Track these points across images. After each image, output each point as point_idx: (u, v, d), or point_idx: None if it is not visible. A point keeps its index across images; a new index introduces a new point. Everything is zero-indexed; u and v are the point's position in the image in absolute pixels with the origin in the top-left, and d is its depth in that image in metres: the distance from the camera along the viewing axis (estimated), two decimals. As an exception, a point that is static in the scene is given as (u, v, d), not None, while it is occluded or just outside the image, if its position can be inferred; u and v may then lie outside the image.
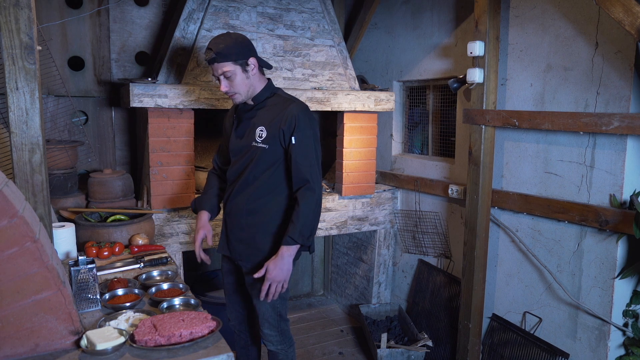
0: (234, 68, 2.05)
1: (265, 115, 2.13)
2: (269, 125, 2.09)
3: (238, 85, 2.09)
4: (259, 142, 2.10)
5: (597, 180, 2.41)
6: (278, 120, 2.07)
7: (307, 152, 2.07)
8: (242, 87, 2.10)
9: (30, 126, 1.68)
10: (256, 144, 2.11)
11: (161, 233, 3.04)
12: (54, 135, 3.31)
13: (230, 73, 2.06)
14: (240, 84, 2.09)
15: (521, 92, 2.78)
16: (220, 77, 2.08)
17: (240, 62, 2.06)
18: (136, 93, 2.81)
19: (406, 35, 3.72)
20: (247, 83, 2.10)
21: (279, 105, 2.13)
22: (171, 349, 1.45)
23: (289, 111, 2.06)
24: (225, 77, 2.07)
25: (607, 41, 2.33)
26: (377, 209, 3.76)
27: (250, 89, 2.13)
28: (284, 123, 2.05)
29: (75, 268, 1.72)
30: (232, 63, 2.05)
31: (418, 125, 3.85)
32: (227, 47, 2.03)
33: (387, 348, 3.21)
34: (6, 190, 1.29)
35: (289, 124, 2.05)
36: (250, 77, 2.11)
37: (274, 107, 2.13)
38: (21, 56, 1.62)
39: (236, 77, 2.07)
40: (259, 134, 2.10)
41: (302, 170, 2.06)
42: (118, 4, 3.42)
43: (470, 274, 2.93)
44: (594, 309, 2.46)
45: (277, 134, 2.07)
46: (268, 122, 2.10)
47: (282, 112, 2.07)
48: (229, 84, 2.09)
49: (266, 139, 2.09)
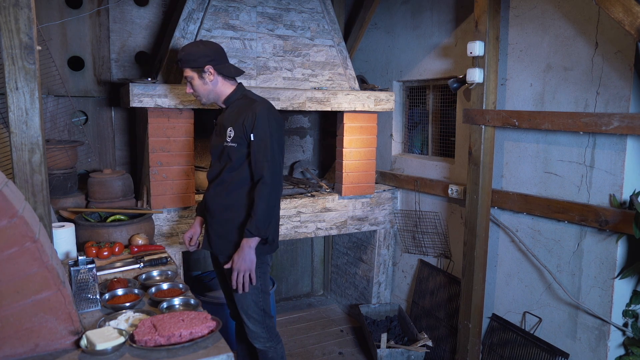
0: (191, 74, 2.26)
1: (232, 115, 2.27)
2: (235, 124, 2.23)
3: (197, 89, 2.29)
4: (229, 142, 2.24)
5: (597, 180, 2.41)
6: (242, 119, 2.20)
7: (263, 148, 2.17)
8: (201, 91, 2.29)
9: (30, 126, 1.68)
10: (227, 144, 2.25)
11: (161, 233, 3.04)
12: (53, 135, 3.31)
13: (189, 78, 2.28)
14: (198, 88, 2.28)
15: (521, 92, 2.78)
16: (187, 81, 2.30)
17: (197, 68, 2.24)
18: (136, 93, 2.81)
19: (406, 35, 3.72)
20: (205, 88, 2.28)
21: (244, 105, 2.26)
22: (171, 349, 1.45)
23: (251, 110, 2.20)
24: (187, 80, 2.30)
25: (607, 41, 2.33)
26: (377, 209, 3.76)
27: (212, 93, 2.30)
28: (246, 121, 2.19)
29: (75, 268, 1.72)
30: (189, 69, 2.26)
31: (418, 125, 3.85)
32: (187, 54, 2.24)
33: (387, 348, 3.21)
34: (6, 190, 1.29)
35: (249, 122, 2.18)
36: (208, 83, 2.27)
37: (240, 108, 2.27)
38: (21, 56, 1.62)
39: (194, 81, 2.28)
40: (229, 134, 2.24)
41: (258, 166, 2.18)
42: (118, 4, 3.42)
43: (470, 274, 2.93)
44: (593, 309, 2.46)
45: (242, 132, 2.20)
46: (234, 122, 2.24)
47: (246, 112, 2.21)
48: (190, 87, 2.31)
49: (234, 138, 2.22)
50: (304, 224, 3.46)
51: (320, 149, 4.32)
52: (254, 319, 2.29)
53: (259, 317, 2.30)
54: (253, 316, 2.29)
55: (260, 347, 2.33)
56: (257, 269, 2.23)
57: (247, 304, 2.27)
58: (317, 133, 4.32)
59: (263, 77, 3.28)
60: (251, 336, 2.33)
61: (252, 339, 2.33)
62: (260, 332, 2.32)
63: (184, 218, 3.10)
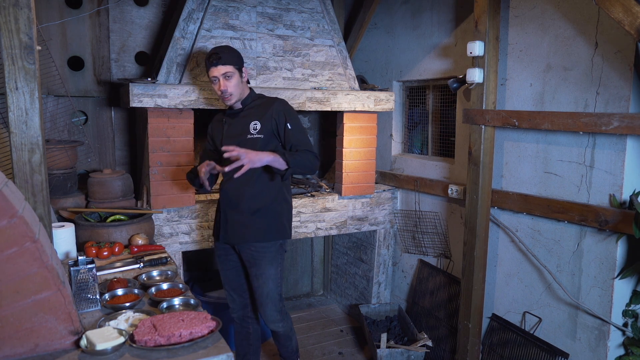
0: (233, 71, 2.40)
1: (256, 112, 2.47)
2: (262, 118, 2.43)
3: (234, 87, 2.42)
4: (254, 134, 2.42)
5: (597, 180, 2.41)
6: (270, 113, 2.42)
7: (303, 134, 2.46)
8: (237, 89, 2.43)
9: (29, 126, 1.67)
10: (251, 136, 2.42)
11: (161, 233, 3.04)
12: (53, 135, 3.31)
13: (230, 74, 2.39)
14: (236, 85, 2.42)
15: (521, 92, 2.78)
16: (221, 77, 2.39)
17: (238, 67, 2.42)
18: (136, 93, 2.81)
19: (406, 35, 3.72)
20: (240, 86, 2.45)
21: (266, 103, 2.50)
22: (171, 349, 1.45)
23: (278, 104, 2.46)
24: (226, 77, 2.39)
25: (606, 41, 2.33)
26: (377, 209, 3.76)
27: (241, 93, 2.47)
28: (275, 114, 2.42)
29: (75, 268, 1.72)
30: (232, 66, 2.39)
31: (418, 125, 3.85)
32: (230, 52, 2.41)
33: (386, 348, 3.21)
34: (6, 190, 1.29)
35: (281, 115, 2.42)
36: (242, 82, 2.46)
37: (262, 105, 2.48)
38: (21, 56, 1.62)
39: (235, 78, 2.41)
40: (253, 127, 2.43)
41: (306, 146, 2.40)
42: (118, 4, 3.42)
43: (470, 274, 2.93)
44: (593, 308, 2.46)
45: (271, 125, 2.41)
46: (261, 116, 2.43)
47: (271, 107, 2.44)
48: (227, 84, 2.40)
49: (260, 130, 2.41)
50: (304, 223, 3.47)
51: (320, 149, 4.32)
52: (272, 302, 2.48)
53: (276, 301, 2.50)
54: (272, 300, 2.48)
55: (275, 329, 2.55)
56: (278, 256, 2.48)
57: (268, 289, 2.47)
58: (317, 133, 4.32)
59: (263, 77, 3.28)
60: (267, 319, 2.52)
61: (268, 321, 2.53)
62: (275, 315, 2.51)
63: (184, 218, 3.10)
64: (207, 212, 3.17)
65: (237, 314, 2.68)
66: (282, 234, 2.48)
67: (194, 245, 3.16)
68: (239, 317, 2.69)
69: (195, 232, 3.15)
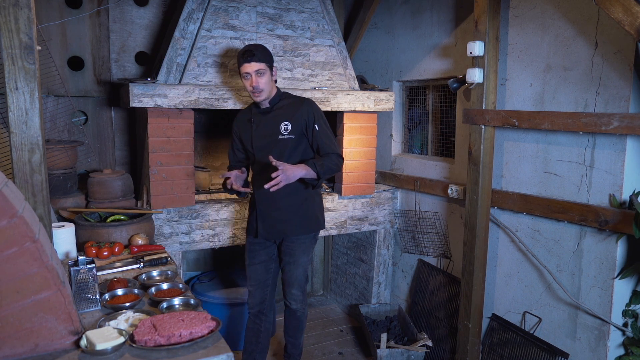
0: (265, 68, 2.51)
1: (285, 112, 2.59)
2: (292, 118, 2.56)
3: (265, 84, 2.52)
4: (285, 134, 2.56)
5: (597, 180, 2.41)
6: (300, 114, 2.56)
7: (330, 135, 2.63)
8: (267, 86, 2.53)
9: (29, 126, 1.68)
10: (282, 136, 2.56)
11: (161, 233, 3.04)
12: (53, 135, 3.31)
13: (262, 71, 2.50)
14: (267, 82, 2.52)
15: (521, 92, 2.78)
16: (253, 74, 2.49)
17: (270, 65, 2.54)
18: (136, 93, 2.81)
19: (406, 35, 3.72)
20: (270, 84, 2.55)
21: (294, 103, 2.62)
22: (171, 349, 1.45)
23: (306, 105, 2.60)
24: (258, 74, 2.49)
25: (606, 41, 2.33)
26: (377, 209, 3.77)
27: (270, 90, 2.57)
28: (305, 115, 2.56)
29: (75, 268, 1.72)
30: (265, 64, 2.50)
31: (418, 125, 3.85)
32: (263, 51, 2.52)
33: (386, 348, 3.21)
34: (6, 190, 1.29)
35: (310, 116, 2.57)
36: (272, 80, 2.57)
37: (291, 105, 2.61)
38: (21, 56, 1.62)
39: (267, 75, 2.51)
40: (284, 128, 2.56)
41: (329, 147, 2.58)
42: (118, 4, 3.42)
43: (470, 274, 2.93)
44: (593, 308, 2.46)
45: (301, 125, 2.56)
46: (290, 117, 2.56)
47: (301, 108, 2.58)
48: (259, 80, 2.50)
49: (291, 131, 2.56)
50: (304, 224, 3.46)
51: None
52: (299, 284, 2.73)
53: (302, 283, 2.74)
54: (301, 282, 2.73)
55: (295, 307, 2.77)
56: (311, 246, 2.73)
57: (298, 273, 2.70)
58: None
59: (263, 77, 3.28)
60: (292, 298, 2.76)
61: (292, 300, 2.76)
62: (300, 295, 2.76)
63: (184, 218, 3.10)
64: (207, 212, 3.17)
65: (253, 310, 2.78)
66: (317, 226, 2.72)
67: (194, 245, 3.16)
68: (255, 314, 2.78)
69: (196, 232, 3.15)
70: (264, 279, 2.75)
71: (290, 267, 2.70)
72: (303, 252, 2.69)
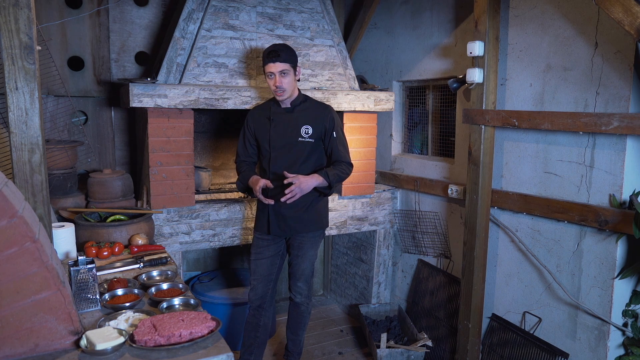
0: (289, 69, 2.57)
1: (306, 116, 2.67)
2: (314, 123, 2.64)
3: (288, 84, 2.58)
4: (306, 138, 2.64)
5: (597, 180, 2.41)
6: (321, 119, 2.65)
7: (345, 143, 2.75)
8: (290, 86, 2.60)
9: (29, 126, 1.68)
10: (302, 139, 2.64)
11: (161, 233, 3.04)
12: (53, 135, 3.31)
13: (286, 72, 2.56)
14: (290, 82, 2.59)
15: (521, 92, 2.78)
16: (277, 74, 2.55)
17: (294, 66, 2.60)
18: (136, 93, 2.81)
19: (406, 35, 3.72)
20: (293, 84, 2.62)
21: (316, 108, 2.71)
22: (171, 349, 1.45)
23: (327, 112, 2.69)
24: (282, 74, 2.55)
25: (606, 41, 2.33)
26: (377, 209, 3.76)
27: (293, 90, 2.64)
28: (326, 121, 2.66)
29: (75, 268, 1.72)
30: (289, 65, 2.56)
31: (418, 125, 3.85)
32: (288, 51, 2.58)
33: (386, 348, 3.21)
34: (6, 190, 1.29)
35: (329, 123, 2.67)
36: (295, 80, 2.63)
37: (312, 110, 2.69)
38: (21, 56, 1.62)
39: (290, 75, 2.58)
40: (305, 131, 2.64)
41: (342, 155, 2.70)
42: (118, 4, 3.42)
43: (469, 274, 2.93)
44: (593, 308, 2.46)
45: (321, 130, 2.66)
46: (312, 121, 2.65)
47: (323, 114, 2.67)
48: (283, 80, 2.56)
49: (312, 135, 2.65)
50: (304, 224, 3.46)
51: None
52: (305, 277, 2.80)
53: (308, 277, 2.82)
54: (307, 276, 2.81)
55: (299, 301, 2.84)
56: (319, 241, 2.83)
57: (304, 266, 2.79)
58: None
59: (263, 77, 3.28)
60: (297, 291, 2.83)
61: (297, 293, 2.83)
62: (305, 290, 2.83)
63: (184, 218, 3.10)
64: (207, 212, 3.17)
65: (253, 304, 2.82)
66: (325, 224, 2.85)
67: (194, 245, 3.16)
68: (254, 307, 2.83)
69: (195, 232, 3.15)
70: (268, 273, 2.81)
71: (298, 260, 2.78)
72: (311, 246, 2.79)
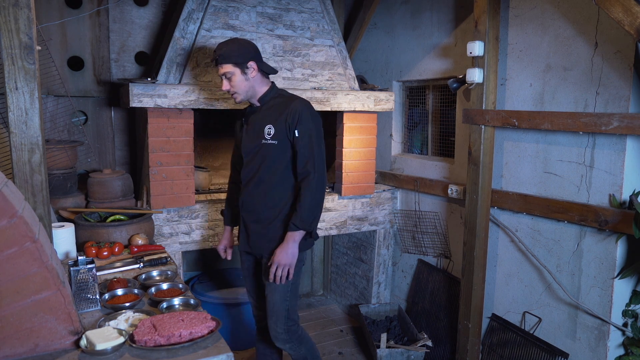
0: (233, 69, 2.24)
1: (271, 113, 2.28)
2: (276, 122, 2.24)
3: (237, 86, 2.26)
4: (268, 139, 2.25)
5: (597, 180, 2.41)
6: (284, 116, 2.23)
7: (309, 144, 2.21)
8: (241, 87, 2.27)
9: (29, 126, 1.68)
10: (265, 142, 2.25)
11: (160, 233, 3.04)
12: (53, 135, 3.30)
13: (230, 74, 2.25)
14: (239, 84, 2.26)
15: (521, 92, 2.78)
16: (222, 77, 2.27)
17: (240, 64, 2.24)
18: (136, 93, 2.81)
19: (406, 35, 3.72)
20: (246, 85, 2.27)
21: (283, 103, 2.28)
22: (171, 349, 1.45)
23: (293, 106, 2.23)
24: (226, 77, 2.26)
25: (606, 41, 2.33)
26: (377, 209, 3.76)
27: (250, 90, 2.30)
28: (289, 117, 2.21)
29: (75, 268, 1.72)
30: (232, 65, 2.23)
31: (418, 125, 3.85)
32: (228, 50, 2.23)
33: (386, 348, 3.21)
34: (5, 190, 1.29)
35: (292, 118, 2.21)
36: (250, 79, 2.27)
37: (278, 106, 2.28)
38: (20, 56, 1.62)
39: (235, 77, 2.25)
40: (268, 132, 2.25)
41: (304, 161, 2.21)
42: (117, 4, 3.42)
43: (469, 274, 2.93)
44: (593, 308, 2.46)
45: (284, 129, 2.22)
46: (275, 119, 2.25)
47: (287, 108, 2.24)
48: (228, 83, 2.27)
49: (274, 135, 2.24)
50: (304, 224, 3.46)
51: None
52: (277, 315, 2.30)
53: (282, 316, 2.30)
54: (277, 312, 2.30)
55: (280, 346, 2.38)
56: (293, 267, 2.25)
57: (274, 299, 2.29)
58: (316, 133, 4.32)
59: (263, 77, 3.28)
60: (272, 334, 2.35)
61: (273, 337, 2.36)
62: (280, 332, 2.33)
63: (183, 218, 3.10)
64: (207, 212, 3.17)
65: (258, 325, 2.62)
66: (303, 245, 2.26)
67: (194, 245, 3.16)
68: (259, 328, 2.61)
69: (195, 232, 3.15)
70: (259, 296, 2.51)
71: (267, 290, 2.31)
72: None
